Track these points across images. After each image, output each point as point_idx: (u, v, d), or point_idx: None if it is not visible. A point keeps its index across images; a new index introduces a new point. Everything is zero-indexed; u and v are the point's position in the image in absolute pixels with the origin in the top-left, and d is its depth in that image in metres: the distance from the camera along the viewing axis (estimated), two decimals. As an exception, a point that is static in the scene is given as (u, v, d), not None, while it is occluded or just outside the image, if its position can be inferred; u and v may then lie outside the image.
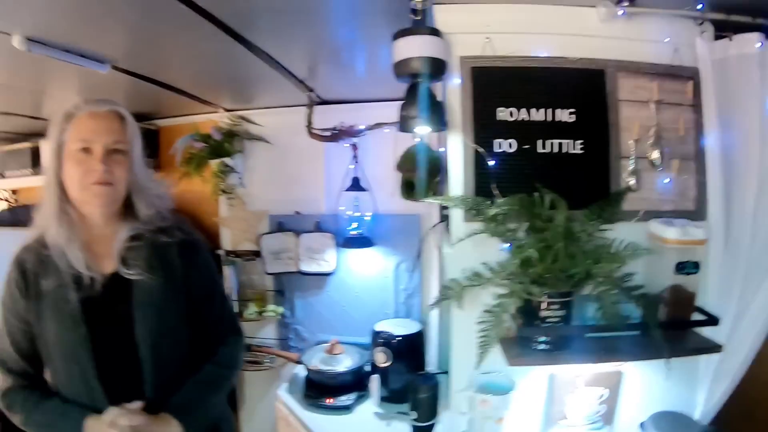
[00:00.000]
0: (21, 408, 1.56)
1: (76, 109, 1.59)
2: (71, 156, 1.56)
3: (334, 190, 3.14)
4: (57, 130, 1.58)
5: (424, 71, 1.54)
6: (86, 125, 1.58)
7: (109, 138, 1.58)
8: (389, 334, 2.67)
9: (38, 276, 1.56)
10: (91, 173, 1.55)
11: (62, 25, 1.79)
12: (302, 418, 2.60)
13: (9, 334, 1.59)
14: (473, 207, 1.58)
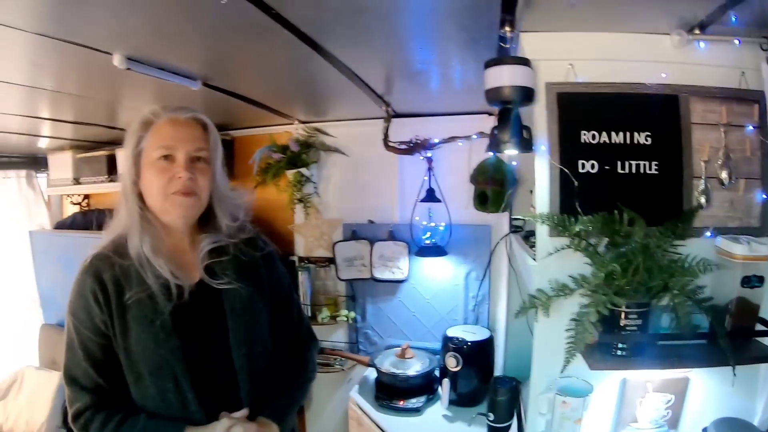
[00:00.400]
0: (100, 430, 1.46)
1: (155, 116, 1.57)
2: (152, 164, 1.53)
3: (407, 200, 3.26)
4: (135, 137, 1.55)
5: (515, 98, 1.66)
6: (167, 132, 1.54)
7: (191, 145, 1.56)
8: (461, 339, 2.78)
9: (120, 287, 1.49)
10: (174, 182, 1.52)
11: (157, 44, 1.86)
12: (376, 419, 2.72)
13: (82, 348, 1.49)
14: (559, 224, 1.69)
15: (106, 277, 1.49)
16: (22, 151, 4.74)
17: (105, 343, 1.49)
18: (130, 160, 1.56)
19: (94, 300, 1.47)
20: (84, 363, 1.48)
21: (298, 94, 2.92)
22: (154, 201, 1.55)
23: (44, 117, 3.20)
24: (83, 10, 1.49)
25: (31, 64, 2.05)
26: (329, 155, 3.50)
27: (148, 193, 1.56)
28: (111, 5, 1.49)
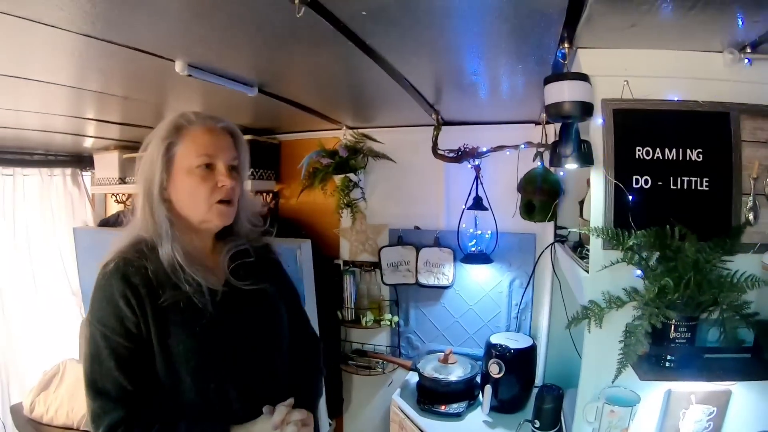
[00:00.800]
0: None
1: (187, 122, 1.59)
2: (191, 172, 1.54)
3: (452, 207, 3.31)
4: (165, 142, 1.55)
5: (575, 113, 1.70)
6: (207, 140, 1.57)
7: (229, 155, 1.60)
8: (505, 346, 2.81)
9: (152, 290, 1.47)
10: (218, 191, 1.56)
11: (222, 53, 1.91)
12: (418, 423, 2.78)
13: (113, 356, 1.42)
14: (613, 237, 1.73)
15: (135, 281, 1.46)
16: (68, 150, 4.86)
17: (137, 348, 1.45)
18: (159, 164, 1.54)
19: (125, 304, 1.43)
20: (115, 372, 1.41)
21: (350, 101, 2.96)
22: (195, 209, 1.58)
23: (90, 118, 3.28)
24: (153, 18, 1.54)
25: (92, 69, 2.11)
26: (377, 161, 3.56)
27: (186, 200, 1.57)
28: (183, 16, 1.54)
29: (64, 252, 5.00)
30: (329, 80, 2.41)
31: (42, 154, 4.75)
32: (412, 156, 3.45)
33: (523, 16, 1.48)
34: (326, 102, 2.96)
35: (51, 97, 2.59)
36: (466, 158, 3.06)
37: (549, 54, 1.81)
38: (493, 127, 3.17)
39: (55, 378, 4.26)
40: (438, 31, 1.66)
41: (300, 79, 2.42)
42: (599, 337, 1.80)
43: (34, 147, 4.55)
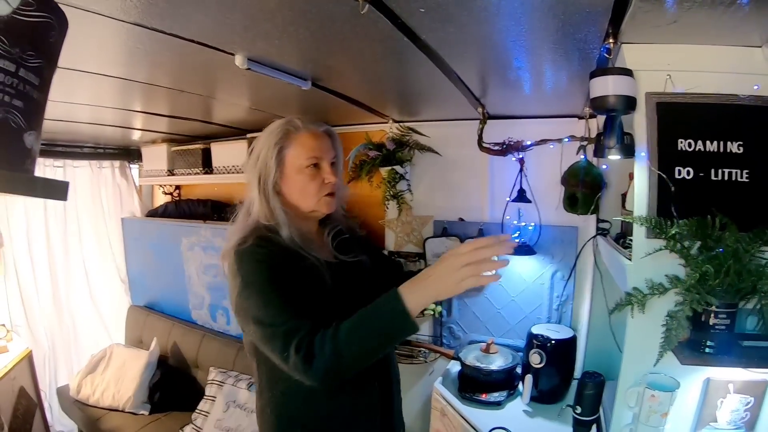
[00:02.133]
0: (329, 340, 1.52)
1: (295, 128, 1.89)
2: (300, 170, 1.87)
3: (496, 199, 3.36)
4: (276, 147, 1.86)
5: (619, 107, 1.75)
6: (313, 144, 1.88)
7: (330, 154, 1.92)
8: (546, 337, 2.85)
9: (287, 259, 1.75)
10: (325, 186, 1.89)
11: (282, 48, 1.98)
12: (460, 410, 2.83)
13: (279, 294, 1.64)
14: (657, 226, 1.78)
15: (275, 250, 1.75)
16: (117, 143, 5.03)
17: (293, 288, 1.68)
18: (273, 164, 1.85)
19: (273, 260, 1.72)
20: (288, 304, 1.64)
21: (399, 95, 3.01)
22: (306, 201, 1.90)
23: (140, 110, 3.39)
24: (221, 13, 1.63)
25: (148, 62, 2.20)
26: (422, 154, 3.62)
27: (299, 194, 1.89)
28: (250, 11, 1.63)
29: (113, 241, 5.15)
30: (381, 75, 2.47)
31: (92, 147, 4.93)
32: (457, 149, 3.52)
33: (572, 12, 1.54)
34: (375, 96, 3.02)
35: (103, 90, 2.70)
36: (510, 151, 3.11)
37: (593, 49, 1.86)
38: (536, 121, 3.21)
39: (102, 362, 4.44)
40: (491, 26, 1.72)
41: (353, 74, 2.48)
42: (641, 323, 1.84)
43: (84, 140, 4.71)
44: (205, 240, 4.38)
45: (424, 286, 1.52)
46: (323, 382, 1.55)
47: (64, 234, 4.87)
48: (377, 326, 1.53)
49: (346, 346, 1.50)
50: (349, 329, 1.52)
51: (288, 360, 1.54)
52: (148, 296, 5.18)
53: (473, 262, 1.46)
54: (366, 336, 1.53)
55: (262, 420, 1.96)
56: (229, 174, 4.33)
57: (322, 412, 1.85)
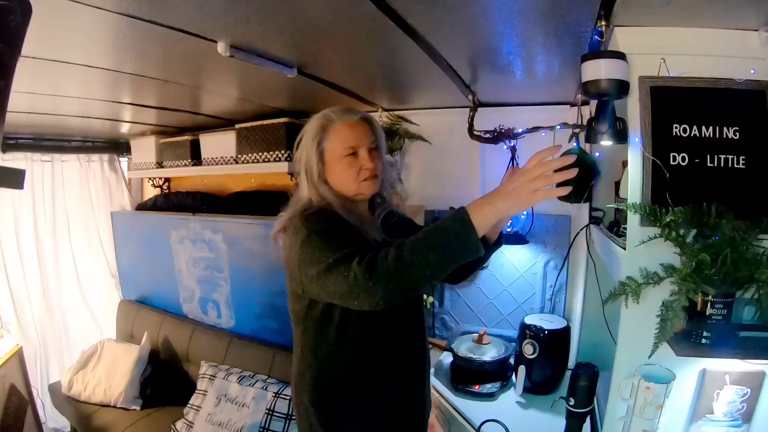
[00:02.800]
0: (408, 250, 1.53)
1: (330, 122, 1.94)
2: (339, 160, 1.92)
3: (488, 188, 3.19)
4: (315, 140, 1.94)
5: (611, 91, 1.71)
6: (349, 134, 1.93)
7: (368, 140, 1.95)
8: (539, 327, 2.84)
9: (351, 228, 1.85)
10: (363, 172, 1.92)
11: (264, 34, 1.99)
12: (452, 402, 2.82)
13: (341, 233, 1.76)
14: (651, 213, 1.74)
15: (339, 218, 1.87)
16: (105, 137, 4.99)
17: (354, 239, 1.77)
18: (315, 157, 1.93)
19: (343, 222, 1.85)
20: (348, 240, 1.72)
21: (387, 82, 3.00)
22: (347, 187, 1.95)
23: (128, 102, 3.36)
24: None
25: (133, 52, 2.18)
26: (412, 143, 3.62)
27: (340, 181, 1.95)
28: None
29: (102, 235, 5.13)
30: (368, 61, 2.46)
31: (80, 141, 4.90)
32: (447, 137, 3.51)
33: (562, -7, 1.49)
34: (364, 83, 3.00)
35: (90, 82, 2.67)
36: (502, 139, 3.07)
37: (585, 33, 1.84)
38: (528, 109, 3.21)
39: (93, 357, 4.40)
40: (479, 8, 1.69)
41: (339, 61, 2.46)
42: (636, 313, 1.81)
43: (72, 134, 4.68)
44: (195, 233, 4.32)
45: (492, 201, 1.53)
46: (384, 291, 1.53)
47: (53, 229, 4.82)
48: (441, 238, 1.52)
49: (409, 255, 1.51)
50: (414, 240, 1.55)
51: (349, 276, 1.57)
52: (138, 290, 5.12)
53: (544, 173, 1.50)
54: (429, 246, 1.52)
55: (300, 384, 2.02)
56: (218, 165, 4.29)
57: (361, 377, 1.95)
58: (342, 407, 1.95)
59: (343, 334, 1.90)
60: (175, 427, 3.69)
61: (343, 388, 1.95)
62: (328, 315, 1.90)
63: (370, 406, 1.97)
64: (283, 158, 3.72)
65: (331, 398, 1.95)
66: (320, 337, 1.93)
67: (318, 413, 1.94)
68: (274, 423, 3.33)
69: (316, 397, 1.96)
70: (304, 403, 1.99)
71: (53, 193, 4.78)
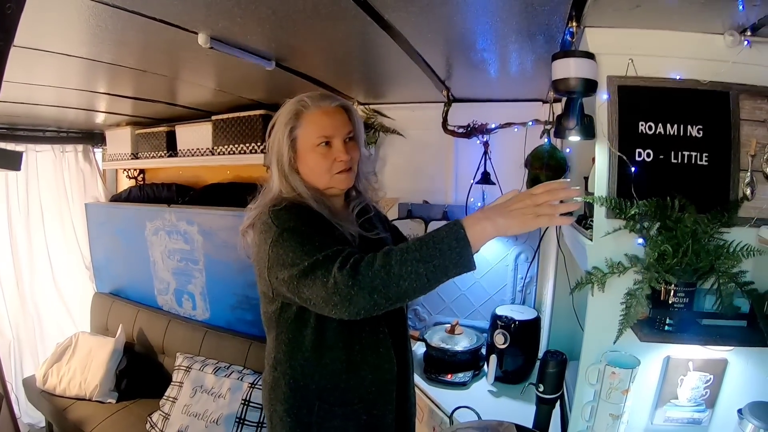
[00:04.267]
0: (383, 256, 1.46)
1: (304, 107, 1.82)
2: (312, 149, 1.81)
3: (461, 182, 3.40)
4: (287, 127, 1.82)
5: (580, 89, 1.77)
6: (323, 122, 1.82)
7: (344, 130, 1.85)
8: (510, 318, 2.89)
9: (323, 221, 1.75)
10: (337, 164, 1.82)
11: (244, 25, 1.98)
12: (426, 391, 2.87)
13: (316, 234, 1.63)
14: (616, 206, 1.81)
15: (311, 211, 1.77)
16: (80, 127, 4.95)
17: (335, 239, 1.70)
18: (286, 145, 1.82)
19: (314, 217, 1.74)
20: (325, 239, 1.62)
21: (363, 76, 3.02)
22: (319, 179, 1.85)
23: (104, 92, 3.35)
24: None
25: (113, 42, 2.18)
26: (387, 136, 3.66)
27: (312, 172, 1.85)
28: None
29: (77, 227, 5.09)
30: (345, 55, 2.48)
31: (54, 131, 4.85)
32: (422, 132, 3.56)
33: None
34: (340, 77, 3.02)
35: (66, 71, 2.67)
36: (475, 134, 3.15)
37: (557, 32, 1.90)
38: (501, 105, 3.26)
39: (67, 350, 4.37)
40: (454, 6, 1.74)
41: (317, 54, 2.48)
42: (601, 302, 1.88)
43: (46, 124, 4.63)
44: (170, 224, 4.32)
45: (493, 217, 1.45)
46: (366, 302, 1.44)
47: (27, 221, 4.78)
48: (434, 251, 1.41)
49: (398, 265, 1.41)
50: (405, 249, 1.44)
51: (328, 282, 1.46)
52: (113, 283, 5.10)
53: (549, 201, 1.45)
54: (420, 259, 1.41)
55: (274, 393, 1.89)
56: (194, 157, 4.29)
57: (342, 385, 1.83)
58: (321, 418, 1.82)
59: (321, 338, 1.79)
60: (151, 419, 3.70)
61: (321, 397, 1.82)
62: (303, 318, 1.79)
63: (352, 415, 1.85)
64: (260, 150, 3.72)
65: (309, 408, 1.82)
66: (296, 342, 1.81)
67: (294, 424, 1.84)
68: (250, 413, 3.37)
69: (292, 407, 1.84)
70: (278, 412, 1.87)
71: (27, 184, 4.74)
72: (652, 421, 1.99)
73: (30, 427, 4.72)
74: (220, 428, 3.36)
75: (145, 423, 3.71)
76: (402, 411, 2.03)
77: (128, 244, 4.78)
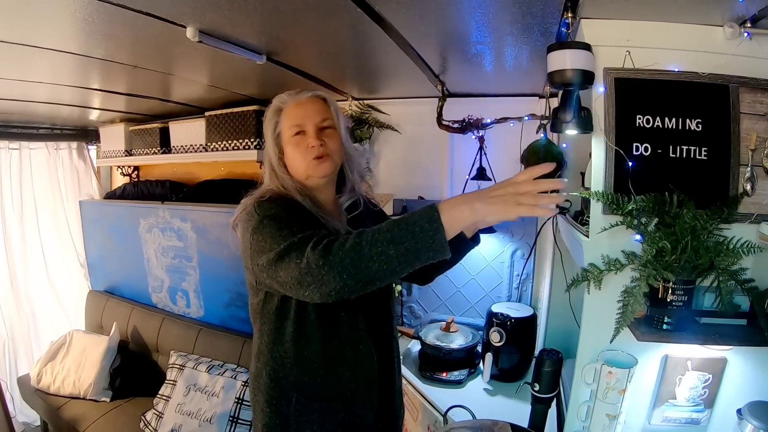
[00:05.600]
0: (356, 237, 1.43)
1: (283, 103, 1.89)
2: (289, 141, 1.86)
3: (456, 178, 3.36)
4: (271, 124, 1.90)
5: (576, 81, 1.72)
6: (295, 113, 1.86)
7: (317, 117, 1.86)
8: (506, 315, 2.86)
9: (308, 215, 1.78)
10: (310, 150, 1.82)
11: (233, 19, 1.95)
12: (421, 389, 2.84)
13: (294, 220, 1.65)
14: (613, 202, 1.77)
15: (295, 204, 1.79)
16: (74, 124, 4.91)
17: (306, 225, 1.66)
18: (272, 142, 1.90)
19: (288, 205, 1.76)
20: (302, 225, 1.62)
21: (357, 71, 2.99)
22: (297, 170, 1.87)
23: (97, 88, 3.32)
24: None
25: (103, 36, 2.15)
26: (382, 132, 3.62)
27: (293, 164, 1.88)
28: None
29: (71, 225, 5.06)
30: (337, 49, 2.45)
31: (48, 128, 4.81)
32: (416, 127, 3.52)
33: (529, -16, 1.50)
34: (333, 72, 2.99)
35: (60, 67, 2.63)
36: (470, 129, 3.11)
37: (553, 24, 1.85)
38: (497, 100, 3.22)
39: (62, 349, 4.34)
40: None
41: (308, 48, 2.45)
42: (598, 300, 1.84)
43: (40, 121, 4.59)
44: (164, 221, 4.28)
45: (470, 201, 1.43)
46: (337, 282, 1.41)
47: (21, 219, 4.74)
48: (405, 233, 1.37)
49: (368, 245, 1.38)
50: (376, 230, 1.41)
51: (301, 263, 1.46)
52: (107, 281, 5.06)
53: (532, 191, 1.41)
54: (391, 240, 1.37)
55: (257, 383, 1.92)
56: (188, 153, 4.26)
57: (319, 379, 1.82)
58: (299, 411, 1.83)
59: (300, 331, 1.80)
60: (144, 418, 3.67)
61: (299, 390, 1.83)
62: (283, 310, 1.81)
63: (329, 411, 1.84)
64: (253, 146, 3.70)
65: (287, 400, 1.83)
66: (277, 334, 1.83)
67: (273, 415, 1.85)
68: (244, 412, 3.34)
69: (271, 398, 1.86)
70: (259, 402, 1.91)
71: (21, 182, 4.70)
72: (649, 421, 1.95)
73: (25, 426, 4.68)
74: (214, 427, 3.33)
75: (139, 422, 3.68)
76: (386, 412, 2.02)
77: (122, 242, 4.75)
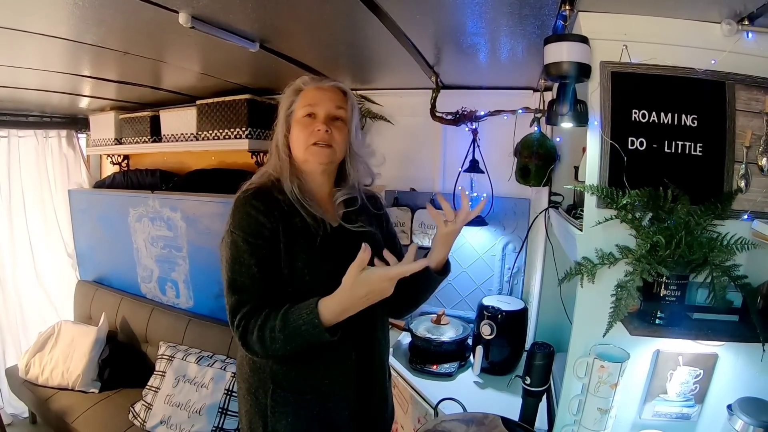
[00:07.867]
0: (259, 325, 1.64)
1: (304, 84, 1.90)
2: (298, 121, 1.85)
3: (449, 170, 3.36)
4: (287, 101, 1.90)
5: (572, 73, 1.72)
6: (313, 95, 1.87)
7: (331, 105, 1.87)
8: (496, 308, 2.86)
9: (283, 212, 1.77)
10: (314, 134, 1.82)
11: (226, 4, 1.95)
12: (411, 381, 2.84)
13: (254, 256, 1.70)
14: (607, 196, 1.77)
15: (270, 201, 1.78)
16: (64, 112, 4.88)
17: (274, 251, 1.73)
18: (283, 118, 1.90)
19: (264, 216, 1.73)
20: (254, 269, 1.70)
21: (350, 60, 2.98)
22: (298, 150, 1.87)
23: (88, 75, 3.29)
24: None
25: (94, 21, 2.13)
26: (374, 122, 3.62)
27: (295, 144, 1.87)
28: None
29: (59, 214, 5.02)
30: (331, 38, 2.43)
31: (37, 116, 4.77)
32: (410, 118, 3.52)
33: (526, -24, 1.49)
34: (327, 61, 2.96)
35: (50, 53, 2.61)
36: (463, 121, 3.11)
37: (550, 17, 1.84)
38: (491, 92, 3.21)
39: (50, 339, 4.32)
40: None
41: (302, 36, 2.44)
42: (591, 293, 1.84)
43: (29, 108, 4.56)
44: (153, 211, 4.25)
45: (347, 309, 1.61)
46: (256, 355, 1.71)
47: (8, 208, 4.70)
48: (296, 335, 1.61)
49: (270, 341, 1.63)
50: (273, 327, 1.62)
51: (231, 327, 1.70)
52: (96, 271, 5.03)
53: None
54: (285, 339, 1.61)
55: (240, 372, 1.99)
56: (179, 142, 4.22)
57: (292, 372, 1.85)
58: (275, 401, 1.85)
59: None
60: (133, 409, 3.65)
61: (275, 381, 1.85)
62: None
63: (303, 404, 1.85)
64: (244, 135, 3.67)
65: (265, 390, 1.86)
66: None
67: (253, 403, 1.89)
68: (233, 403, 3.33)
69: (251, 386, 1.90)
70: (242, 390, 1.97)
71: (9, 170, 4.66)
72: (640, 415, 1.96)
73: (13, 417, 4.66)
74: (203, 418, 3.32)
75: (128, 413, 3.67)
76: (364, 412, 1.98)
77: (111, 232, 4.72)
